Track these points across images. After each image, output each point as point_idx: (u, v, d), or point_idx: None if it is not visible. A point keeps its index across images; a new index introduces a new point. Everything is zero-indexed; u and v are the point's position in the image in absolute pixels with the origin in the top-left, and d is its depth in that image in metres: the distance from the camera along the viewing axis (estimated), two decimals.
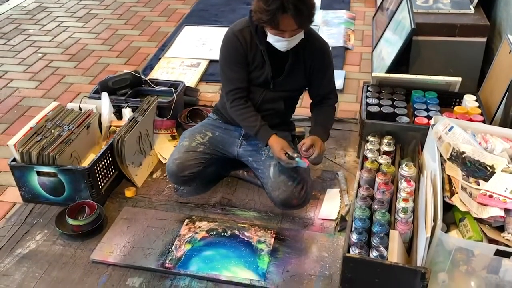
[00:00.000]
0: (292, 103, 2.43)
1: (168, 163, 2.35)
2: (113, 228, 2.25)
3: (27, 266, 2.09)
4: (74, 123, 2.46)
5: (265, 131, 2.21)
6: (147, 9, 4.95)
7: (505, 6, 3.06)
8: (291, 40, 2.05)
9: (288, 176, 2.23)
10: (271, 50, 2.14)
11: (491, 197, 1.80)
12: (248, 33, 2.16)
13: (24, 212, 2.38)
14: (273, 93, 2.27)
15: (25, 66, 3.89)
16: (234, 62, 2.21)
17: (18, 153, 2.30)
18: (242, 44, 2.16)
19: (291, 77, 2.24)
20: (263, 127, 2.21)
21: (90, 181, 2.30)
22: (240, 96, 2.23)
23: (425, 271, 1.65)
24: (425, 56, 3.12)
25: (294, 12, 1.92)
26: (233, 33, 2.18)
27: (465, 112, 2.47)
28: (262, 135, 2.21)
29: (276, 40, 2.06)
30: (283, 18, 1.94)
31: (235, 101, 2.24)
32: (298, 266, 2.03)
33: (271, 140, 2.19)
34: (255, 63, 2.20)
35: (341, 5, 4.78)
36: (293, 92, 2.36)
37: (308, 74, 2.26)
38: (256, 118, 2.22)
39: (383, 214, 1.89)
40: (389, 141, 2.31)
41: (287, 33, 2.01)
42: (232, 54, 2.20)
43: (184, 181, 2.36)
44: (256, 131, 2.22)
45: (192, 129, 2.46)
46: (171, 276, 2.02)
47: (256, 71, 2.22)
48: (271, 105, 2.29)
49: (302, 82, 2.30)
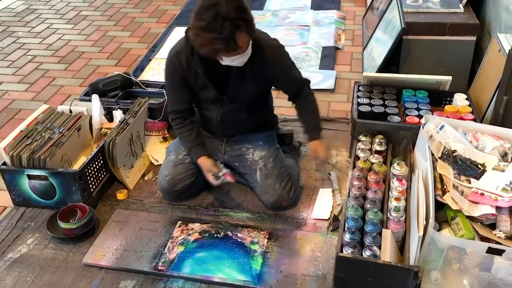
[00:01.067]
0: (259, 107, 2.33)
1: (159, 180, 2.33)
2: (105, 231, 2.24)
3: (19, 270, 2.08)
4: (64, 126, 2.45)
5: (195, 152, 2.23)
6: (137, 10, 4.94)
7: (494, 5, 3.08)
8: (247, 52, 1.98)
9: (275, 178, 2.23)
10: (211, 70, 2.08)
11: (482, 195, 1.81)
12: (184, 56, 2.08)
13: (15, 216, 2.36)
14: (230, 106, 2.23)
15: (14, 68, 3.87)
16: (173, 86, 2.21)
17: (8, 157, 2.28)
18: (178, 69, 2.11)
19: (242, 89, 2.17)
20: (194, 148, 2.23)
21: (82, 184, 2.29)
22: (178, 116, 2.26)
23: (418, 270, 1.65)
24: (416, 55, 3.14)
25: (246, 25, 1.85)
26: (170, 57, 2.14)
27: (455, 110, 2.48)
28: (192, 154, 2.25)
29: (233, 60, 1.98)
30: (239, 36, 1.84)
31: (174, 120, 2.28)
32: (292, 267, 2.03)
33: (199, 161, 2.22)
34: (199, 85, 2.16)
35: (332, 5, 4.80)
36: (252, 100, 2.26)
37: (263, 81, 2.18)
38: (189, 139, 2.24)
39: (375, 213, 1.90)
40: (381, 141, 2.31)
41: (242, 48, 1.92)
42: (169, 78, 2.20)
43: (178, 195, 2.32)
44: (188, 150, 2.27)
45: (175, 142, 2.43)
46: (164, 279, 2.01)
47: (202, 91, 2.18)
48: (232, 117, 2.27)
49: (257, 89, 2.22)
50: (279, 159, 2.31)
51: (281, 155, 2.36)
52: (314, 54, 3.84)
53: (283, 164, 2.30)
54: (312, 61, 3.73)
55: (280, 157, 2.33)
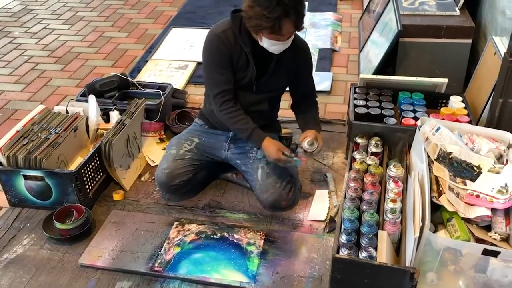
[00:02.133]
0: (275, 103, 2.43)
1: (157, 173, 2.33)
2: (102, 232, 2.24)
3: (14, 271, 2.07)
4: (61, 126, 2.45)
5: (258, 134, 2.19)
6: (134, 11, 4.93)
7: (489, 8, 3.10)
8: (286, 42, 2.06)
9: (276, 178, 2.23)
10: (256, 52, 2.14)
11: (478, 197, 1.82)
12: (232, 34, 2.13)
13: (11, 216, 2.36)
14: (256, 95, 2.26)
15: (10, 69, 3.85)
16: (220, 64, 2.17)
17: (4, 157, 2.27)
18: (226, 46, 2.13)
19: (274, 77, 2.24)
20: (255, 130, 2.19)
21: (78, 184, 2.28)
22: (228, 98, 2.19)
23: (413, 271, 1.66)
24: (412, 58, 3.15)
25: (296, 16, 1.94)
26: (216, 35, 2.14)
27: (451, 113, 2.49)
28: (255, 138, 2.19)
29: (271, 44, 2.05)
30: (285, 23, 1.94)
31: (223, 104, 2.19)
32: (288, 268, 2.03)
33: (265, 142, 2.17)
34: (240, 65, 2.18)
35: (328, 7, 4.81)
36: (276, 92, 2.37)
37: (292, 73, 2.28)
38: (247, 121, 2.19)
39: (371, 215, 1.90)
40: (377, 142, 2.32)
41: (285, 36, 2.01)
42: (216, 56, 2.17)
43: (175, 190, 2.33)
44: (248, 134, 2.18)
45: (178, 137, 2.45)
46: (161, 280, 2.01)
47: (240, 72, 2.19)
48: (255, 107, 2.28)
49: (285, 81, 2.32)
50: None
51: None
52: None
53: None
54: None
55: None
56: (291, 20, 1.94)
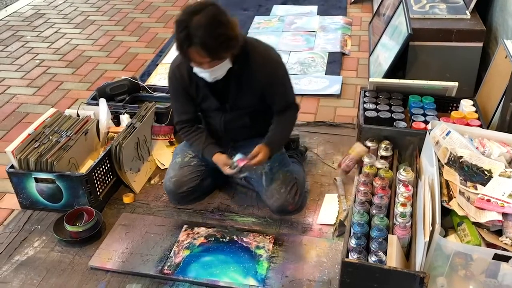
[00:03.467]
0: (258, 115, 2.28)
1: (165, 182, 2.36)
2: (112, 235, 2.25)
3: (25, 273, 2.09)
4: (72, 130, 2.46)
5: (209, 151, 2.24)
6: (145, 15, 4.97)
7: (500, 11, 3.08)
8: (214, 70, 1.97)
9: (281, 183, 2.24)
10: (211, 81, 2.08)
11: (489, 202, 1.81)
12: (185, 67, 2.09)
13: (22, 219, 2.38)
14: (232, 113, 2.23)
15: (22, 72, 3.90)
16: (177, 96, 2.23)
17: (16, 160, 2.30)
18: (180, 80, 2.14)
19: (241, 98, 2.18)
20: (207, 148, 2.24)
21: (88, 187, 2.30)
22: (185, 125, 2.28)
23: (423, 276, 1.65)
24: (422, 61, 3.14)
25: (201, 45, 1.83)
26: (171, 70, 2.17)
27: (462, 116, 2.47)
28: (207, 155, 2.25)
29: (199, 72, 2.00)
30: (191, 51, 1.86)
31: (181, 130, 2.30)
32: (297, 272, 2.03)
33: (214, 158, 2.22)
34: (200, 95, 2.17)
35: (338, 11, 4.81)
36: (254, 107, 2.23)
37: (258, 91, 2.17)
38: (200, 141, 2.26)
39: (381, 219, 1.89)
40: (387, 146, 2.31)
41: (204, 64, 1.92)
42: (173, 90, 2.22)
43: (183, 197, 2.35)
44: (201, 153, 2.27)
45: (182, 144, 2.46)
46: (170, 283, 2.02)
47: (204, 102, 2.20)
48: (235, 124, 2.27)
49: (255, 99, 2.20)
50: (284, 164, 2.31)
51: (286, 159, 2.36)
52: (320, 59, 3.85)
53: (288, 168, 2.31)
54: (319, 66, 3.74)
55: (285, 161, 2.34)
56: (196, 48, 1.84)
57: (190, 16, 1.83)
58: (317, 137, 2.89)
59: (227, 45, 1.88)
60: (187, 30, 1.82)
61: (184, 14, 1.85)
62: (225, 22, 1.86)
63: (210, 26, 1.82)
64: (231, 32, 1.88)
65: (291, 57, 3.90)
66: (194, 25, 1.81)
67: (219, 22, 1.85)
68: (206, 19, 1.82)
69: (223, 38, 1.85)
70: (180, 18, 1.86)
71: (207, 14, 1.83)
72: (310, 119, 3.09)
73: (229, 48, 1.91)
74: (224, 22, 1.86)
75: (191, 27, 1.82)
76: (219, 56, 1.92)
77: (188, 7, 1.86)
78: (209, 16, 1.83)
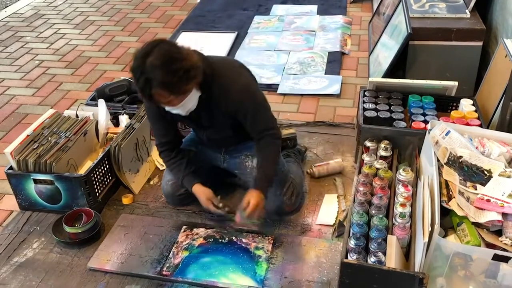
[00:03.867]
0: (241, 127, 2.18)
1: (163, 185, 2.35)
2: (110, 236, 2.24)
3: (24, 274, 2.08)
4: (71, 130, 2.46)
5: (188, 181, 2.19)
6: (144, 15, 4.96)
7: (500, 10, 3.07)
8: (184, 105, 1.93)
9: (276, 185, 2.20)
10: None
11: (488, 202, 1.80)
12: None
13: (21, 220, 2.37)
14: (213, 130, 2.20)
15: (22, 73, 3.89)
16: (154, 120, 2.19)
17: (14, 161, 2.29)
18: (155, 107, 2.06)
19: (216, 122, 2.14)
20: (186, 177, 2.20)
21: (87, 188, 2.30)
22: (165, 149, 2.23)
23: (423, 276, 1.64)
24: (422, 61, 3.13)
25: (160, 86, 1.78)
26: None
27: (462, 116, 2.46)
28: (186, 185, 2.21)
29: (171, 109, 1.96)
30: (154, 94, 1.81)
31: (161, 154, 2.25)
32: (296, 272, 2.03)
33: (194, 189, 2.18)
34: (177, 119, 2.16)
35: (338, 10, 4.80)
36: (233, 124, 2.15)
37: (232, 117, 2.10)
38: (179, 169, 2.21)
39: (380, 220, 1.89)
40: (386, 146, 2.30)
41: (172, 102, 1.88)
42: (150, 114, 2.19)
43: (181, 200, 2.34)
44: (180, 182, 2.22)
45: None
46: (169, 284, 2.01)
47: (182, 123, 2.20)
48: (219, 136, 2.23)
49: (230, 122, 2.13)
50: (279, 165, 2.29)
51: (281, 160, 2.34)
52: (320, 59, 3.84)
53: (283, 169, 2.28)
54: (318, 66, 3.73)
55: (280, 162, 2.31)
56: (158, 90, 1.79)
57: (143, 60, 1.77)
58: (316, 137, 2.89)
59: (186, 77, 1.82)
60: (144, 75, 1.77)
61: (137, 59, 1.79)
62: (178, 56, 1.80)
63: (165, 65, 1.76)
64: (188, 63, 1.81)
65: (290, 56, 3.89)
66: (149, 68, 1.76)
67: (172, 58, 1.79)
68: (159, 58, 1.76)
69: (181, 72, 1.79)
70: (134, 65, 1.80)
71: (159, 53, 1.77)
72: (309, 119, 3.08)
73: (190, 79, 1.84)
74: (178, 56, 1.80)
75: (146, 71, 1.77)
76: (183, 91, 1.86)
77: (139, 51, 1.80)
78: (161, 55, 1.77)
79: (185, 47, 1.87)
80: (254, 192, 2.07)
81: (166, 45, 1.82)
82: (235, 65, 2.16)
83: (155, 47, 1.78)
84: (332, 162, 2.60)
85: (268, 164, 2.13)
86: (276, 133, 2.15)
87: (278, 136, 2.16)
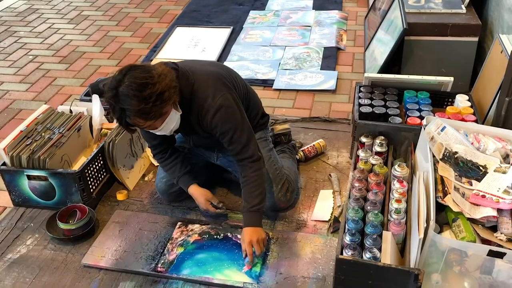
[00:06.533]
0: None
1: (157, 183, 2.35)
2: (105, 232, 2.23)
3: (18, 271, 2.07)
4: (64, 126, 2.44)
5: (183, 182, 2.22)
6: (139, 10, 4.93)
7: (496, 5, 3.07)
8: (166, 126, 1.92)
9: (270, 182, 2.20)
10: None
11: (483, 197, 1.80)
12: None
13: (15, 216, 2.36)
14: (197, 136, 2.19)
15: (15, 68, 3.87)
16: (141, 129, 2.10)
17: (8, 157, 2.28)
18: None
19: (198, 135, 2.15)
20: (182, 178, 2.21)
21: (81, 184, 2.28)
22: (158, 151, 2.23)
23: (418, 273, 1.64)
24: (417, 56, 3.12)
25: (136, 114, 1.77)
26: None
27: (457, 112, 2.46)
28: (182, 185, 2.22)
29: (155, 131, 1.96)
30: (132, 122, 1.81)
31: (156, 155, 2.26)
32: (291, 268, 2.02)
33: (191, 190, 2.20)
34: None
35: (334, 5, 4.79)
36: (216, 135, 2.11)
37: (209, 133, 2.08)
38: (174, 170, 2.22)
39: (376, 215, 1.88)
40: (382, 142, 2.30)
41: (153, 125, 1.87)
42: None
43: (176, 196, 2.34)
44: (176, 182, 2.24)
45: None
46: (164, 280, 2.01)
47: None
48: (204, 142, 2.23)
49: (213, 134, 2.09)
50: (272, 161, 2.27)
51: (274, 156, 2.32)
52: (315, 54, 3.83)
53: (277, 166, 2.27)
54: (314, 61, 3.72)
55: (273, 158, 2.30)
56: (135, 119, 1.79)
57: (115, 90, 1.75)
58: (312, 132, 2.88)
59: (161, 101, 1.78)
60: (118, 106, 1.76)
61: (109, 91, 1.77)
62: (150, 81, 1.76)
63: (137, 93, 1.73)
64: (160, 87, 1.77)
65: (286, 52, 3.88)
66: (122, 98, 1.74)
67: (143, 84, 1.75)
68: (130, 87, 1.74)
69: (154, 97, 1.75)
70: (107, 97, 1.79)
71: (129, 81, 1.74)
72: (305, 114, 3.07)
73: (165, 101, 1.81)
74: (149, 80, 1.76)
75: (119, 102, 1.75)
76: (159, 115, 1.83)
77: (110, 81, 1.78)
78: (131, 82, 1.74)
79: (158, 68, 1.82)
80: (249, 230, 2.03)
81: (137, 71, 1.77)
82: (215, 78, 2.04)
83: (125, 76, 1.76)
84: (315, 143, 2.67)
85: (254, 197, 2.05)
86: (253, 155, 2.05)
87: (257, 158, 2.06)
